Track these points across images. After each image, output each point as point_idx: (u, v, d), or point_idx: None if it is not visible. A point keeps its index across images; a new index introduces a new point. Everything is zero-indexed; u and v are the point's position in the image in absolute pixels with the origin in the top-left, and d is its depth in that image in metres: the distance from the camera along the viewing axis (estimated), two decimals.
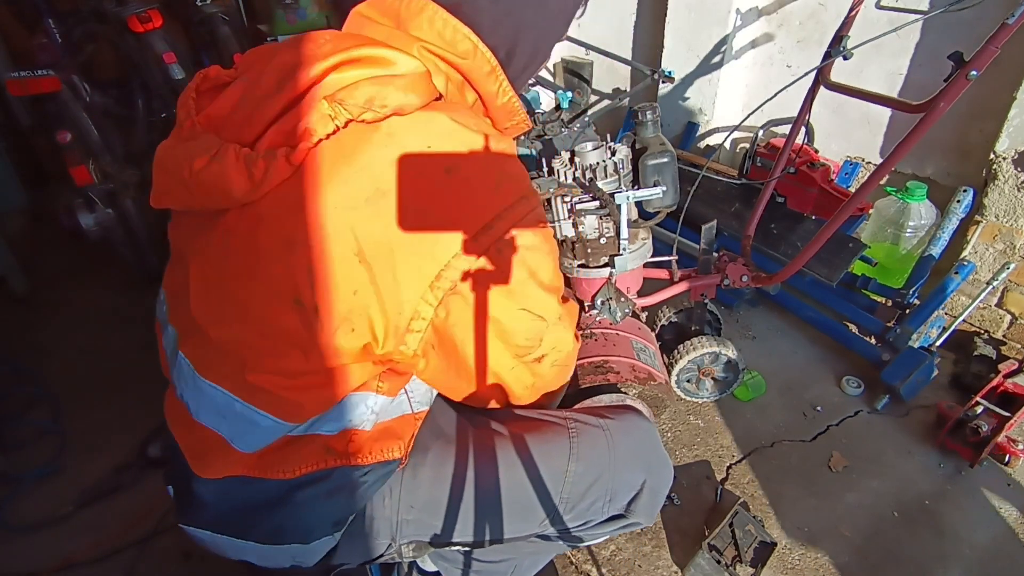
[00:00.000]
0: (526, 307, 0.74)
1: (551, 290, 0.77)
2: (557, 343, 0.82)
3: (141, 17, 2.29)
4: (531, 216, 0.72)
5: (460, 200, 0.68)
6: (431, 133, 0.69)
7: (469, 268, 0.68)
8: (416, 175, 0.66)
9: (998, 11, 1.03)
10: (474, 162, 0.70)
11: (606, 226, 1.22)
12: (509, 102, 0.79)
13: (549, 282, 0.76)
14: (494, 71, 0.75)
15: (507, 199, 0.70)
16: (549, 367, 0.84)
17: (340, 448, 0.76)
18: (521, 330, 0.76)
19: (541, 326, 0.78)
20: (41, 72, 2.06)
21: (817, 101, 1.46)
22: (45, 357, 2.01)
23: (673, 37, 2.61)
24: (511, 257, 0.71)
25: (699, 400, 1.71)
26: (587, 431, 0.90)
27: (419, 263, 0.67)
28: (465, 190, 0.68)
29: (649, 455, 0.93)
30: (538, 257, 0.73)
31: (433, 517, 0.83)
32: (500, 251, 0.69)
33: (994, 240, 1.82)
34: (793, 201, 2.16)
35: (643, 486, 0.91)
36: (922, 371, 1.63)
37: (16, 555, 1.39)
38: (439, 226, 0.67)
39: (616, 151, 1.25)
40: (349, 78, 0.68)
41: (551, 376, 0.86)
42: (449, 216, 0.67)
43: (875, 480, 1.50)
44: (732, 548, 1.28)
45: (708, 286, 1.58)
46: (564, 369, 0.89)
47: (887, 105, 1.31)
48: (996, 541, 1.36)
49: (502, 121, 0.82)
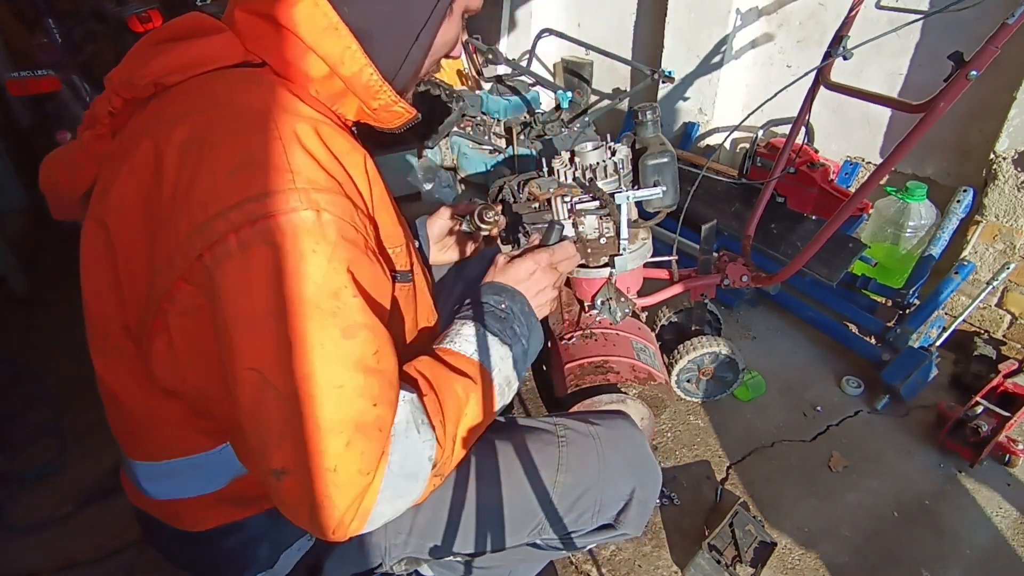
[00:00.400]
0: (255, 367, 0.54)
1: (293, 359, 0.54)
2: (302, 460, 0.54)
3: (141, 17, 2.30)
4: (269, 225, 0.53)
5: (181, 186, 0.56)
6: (188, 102, 0.60)
7: (174, 286, 0.55)
8: (155, 154, 0.57)
9: (998, 11, 1.03)
10: (211, 138, 0.56)
11: (606, 226, 1.22)
12: (361, 73, 0.65)
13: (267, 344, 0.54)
14: (334, 29, 0.63)
15: (237, 193, 0.54)
16: (289, 488, 0.56)
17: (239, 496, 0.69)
18: (247, 408, 0.55)
19: (278, 409, 0.54)
20: (41, 72, 2.06)
21: (817, 101, 1.46)
22: (45, 357, 2.01)
23: (673, 37, 2.61)
24: (234, 277, 0.54)
25: (699, 400, 1.71)
26: (576, 440, 0.86)
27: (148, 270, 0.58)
28: (186, 174, 0.56)
29: (638, 465, 0.90)
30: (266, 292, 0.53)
31: (425, 538, 0.79)
32: (210, 271, 0.54)
33: (994, 240, 1.82)
34: (793, 201, 2.16)
35: (632, 496, 0.88)
36: (922, 371, 1.62)
37: (16, 555, 1.39)
38: (162, 222, 0.56)
39: (616, 151, 1.24)
40: (148, 55, 0.64)
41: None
42: (173, 209, 0.55)
43: (875, 480, 1.50)
44: (732, 548, 1.28)
45: (708, 286, 1.58)
46: (315, 505, 0.56)
47: (887, 105, 1.31)
48: (996, 541, 1.36)
49: (368, 101, 0.69)
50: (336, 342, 0.55)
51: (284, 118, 0.59)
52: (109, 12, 2.40)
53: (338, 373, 0.55)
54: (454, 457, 0.67)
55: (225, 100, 0.60)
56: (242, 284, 0.54)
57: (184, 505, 0.71)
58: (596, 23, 3.15)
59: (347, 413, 0.55)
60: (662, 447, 1.60)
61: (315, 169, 0.57)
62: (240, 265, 0.53)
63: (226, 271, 0.53)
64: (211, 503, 0.71)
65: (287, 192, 0.54)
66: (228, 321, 0.54)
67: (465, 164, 3.01)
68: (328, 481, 0.54)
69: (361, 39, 0.64)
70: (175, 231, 0.55)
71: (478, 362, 0.71)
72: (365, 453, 0.56)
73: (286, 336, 0.54)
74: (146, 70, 0.62)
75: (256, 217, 0.53)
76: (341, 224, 0.57)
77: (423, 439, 0.62)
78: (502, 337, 0.75)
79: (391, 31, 0.66)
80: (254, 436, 0.56)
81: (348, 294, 0.57)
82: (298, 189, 0.55)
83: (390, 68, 0.68)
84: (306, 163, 0.57)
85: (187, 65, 0.63)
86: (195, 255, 0.54)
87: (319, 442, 0.54)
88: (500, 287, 0.81)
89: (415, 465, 0.61)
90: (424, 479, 0.63)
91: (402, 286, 0.72)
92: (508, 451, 0.83)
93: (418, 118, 0.76)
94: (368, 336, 0.57)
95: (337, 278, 0.56)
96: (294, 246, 0.54)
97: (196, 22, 0.67)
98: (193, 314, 0.56)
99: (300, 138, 0.58)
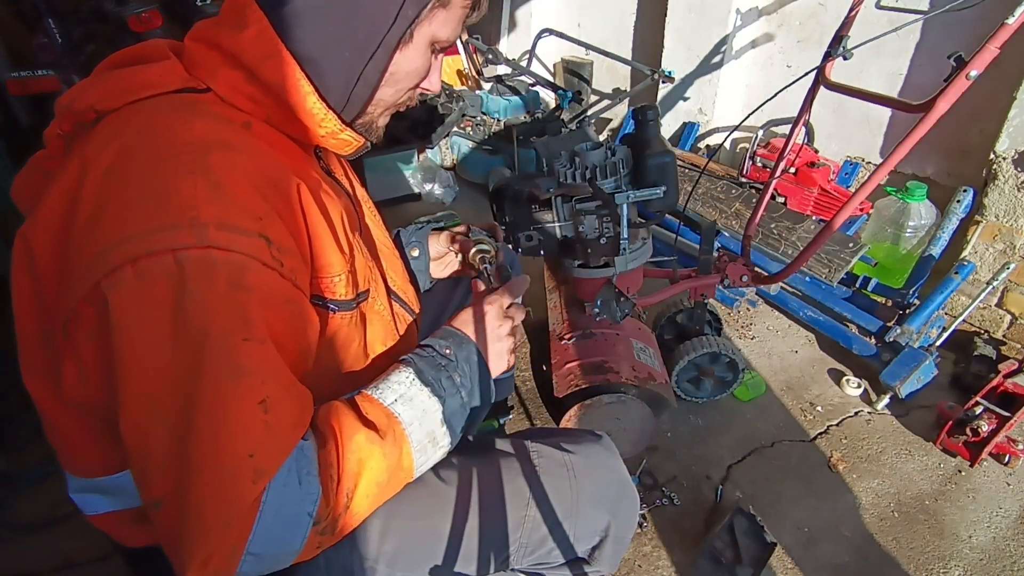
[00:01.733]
0: (140, 395, 0.54)
1: (177, 397, 0.54)
2: (177, 496, 0.54)
3: (141, 17, 2.29)
4: (166, 259, 0.53)
5: (94, 210, 0.56)
6: (116, 128, 0.61)
7: (78, 308, 0.55)
8: (78, 177, 0.58)
9: (998, 11, 1.03)
10: (128, 165, 0.57)
11: (606, 226, 1.22)
12: (304, 100, 0.64)
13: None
14: (277, 55, 0.62)
15: (140, 224, 0.54)
16: (162, 521, 0.56)
17: None
18: (130, 435, 0.55)
19: (162, 439, 0.54)
20: (41, 72, 2.06)
21: (817, 101, 1.46)
22: None
23: (673, 37, 2.61)
24: (126, 306, 0.53)
25: (699, 400, 1.71)
26: (550, 469, 0.82)
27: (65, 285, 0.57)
28: (102, 199, 0.56)
29: (614, 497, 0.86)
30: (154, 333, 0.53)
31: (393, 567, 0.75)
32: (106, 298, 0.53)
33: (994, 240, 1.82)
34: (793, 201, 2.17)
35: (607, 531, 0.84)
36: (922, 371, 1.63)
37: (16, 555, 1.38)
38: (74, 244, 0.56)
39: (616, 151, 1.25)
40: (89, 82, 0.65)
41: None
42: (84, 233, 0.56)
43: (875, 480, 1.50)
44: (732, 548, 1.28)
45: (708, 286, 1.58)
46: (184, 545, 0.55)
47: (887, 105, 1.31)
48: (996, 541, 1.36)
49: (314, 128, 0.68)
50: (218, 386, 0.54)
51: (208, 149, 0.58)
52: (109, 12, 2.39)
53: (214, 417, 0.54)
54: (349, 513, 0.64)
55: (150, 128, 0.60)
56: (133, 314, 0.53)
57: (112, 519, 0.72)
58: (596, 23, 3.15)
59: (222, 459, 0.54)
60: (662, 447, 1.60)
61: (225, 205, 0.56)
62: (133, 295, 0.53)
63: (118, 299, 0.53)
64: (136, 519, 0.71)
65: (188, 228, 0.54)
66: (116, 349, 0.53)
67: (465, 164, 3.01)
68: (198, 519, 0.54)
69: (305, 66, 0.64)
70: (82, 254, 0.55)
71: (394, 415, 0.67)
72: (235, 500, 0.55)
73: (169, 372, 0.53)
74: (85, 96, 0.63)
75: (154, 251, 0.53)
76: (244, 263, 0.56)
77: (304, 492, 0.59)
78: (434, 387, 0.71)
79: (337, 57, 0.64)
80: (137, 465, 0.56)
81: (237, 338, 0.55)
82: (200, 225, 0.54)
83: (338, 96, 0.67)
84: (216, 198, 0.56)
85: (125, 91, 0.63)
86: (94, 281, 0.54)
87: (192, 482, 0.54)
88: (450, 331, 0.78)
89: (291, 518, 0.58)
90: (303, 535, 0.60)
91: (343, 315, 0.70)
92: (479, 479, 0.80)
93: (367, 147, 0.74)
94: (252, 384, 0.56)
95: (226, 320, 0.55)
96: (186, 283, 0.53)
97: (148, 49, 0.68)
98: (92, 338, 0.56)
99: (215, 172, 0.57)
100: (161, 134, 0.59)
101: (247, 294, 0.56)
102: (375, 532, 0.73)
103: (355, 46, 0.64)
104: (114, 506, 0.70)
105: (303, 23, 0.62)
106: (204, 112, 0.62)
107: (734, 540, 1.29)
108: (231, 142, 0.61)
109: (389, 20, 0.64)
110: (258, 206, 0.59)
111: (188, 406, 0.53)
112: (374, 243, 0.87)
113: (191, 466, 0.53)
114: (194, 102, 0.63)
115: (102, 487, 0.69)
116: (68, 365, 0.58)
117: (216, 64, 0.64)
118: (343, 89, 0.66)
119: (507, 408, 1.58)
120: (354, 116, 0.70)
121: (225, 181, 0.57)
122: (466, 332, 0.78)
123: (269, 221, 0.59)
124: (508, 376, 1.38)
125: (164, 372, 0.54)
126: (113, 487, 0.69)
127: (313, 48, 0.63)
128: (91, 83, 0.65)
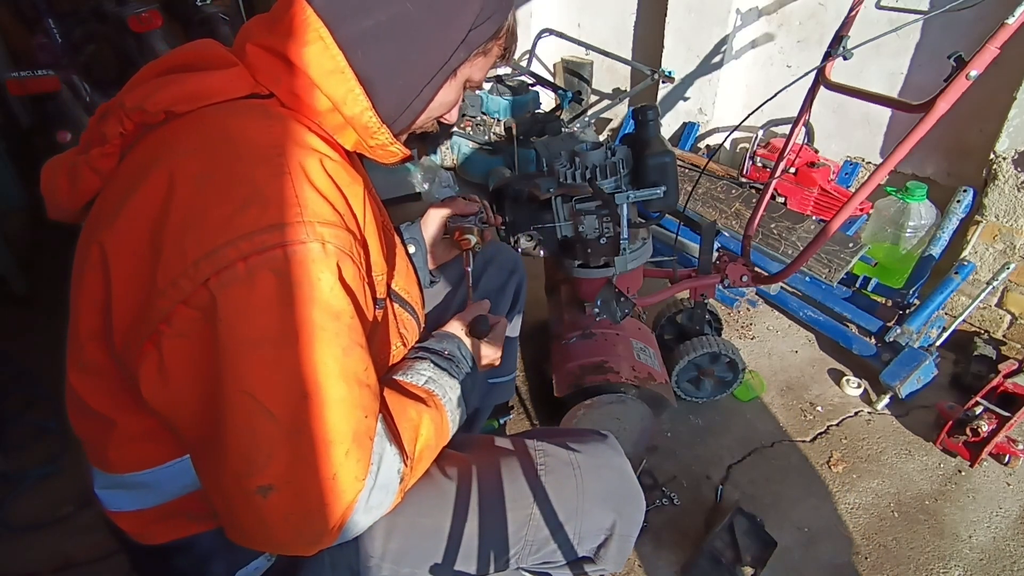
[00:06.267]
0: (248, 390, 0.57)
1: (295, 378, 0.58)
2: (294, 474, 0.58)
3: (141, 17, 2.30)
4: (278, 254, 0.57)
5: (192, 215, 0.59)
6: (201, 135, 0.63)
7: (174, 310, 0.57)
8: (167, 184, 0.60)
9: (998, 11, 1.03)
10: (223, 171, 0.60)
11: (606, 226, 1.22)
12: (362, 115, 0.70)
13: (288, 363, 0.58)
14: (340, 72, 0.67)
15: (248, 225, 0.57)
16: (275, 503, 0.58)
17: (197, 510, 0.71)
18: (235, 429, 0.57)
19: (269, 429, 0.57)
20: (41, 72, 2.06)
21: (817, 101, 1.46)
22: (45, 357, 2.01)
23: (673, 37, 2.61)
24: (238, 302, 0.57)
25: (699, 400, 1.71)
26: (556, 468, 0.84)
27: (144, 288, 0.59)
28: (198, 204, 0.59)
29: (620, 497, 0.87)
30: (271, 317, 0.57)
31: (399, 564, 0.77)
32: (214, 296, 0.56)
33: (994, 240, 1.82)
34: (793, 201, 2.17)
35: (613, 530, 0.86)
36: (922, 371, 1.63)
37: (16, 555, 1.38)
38: (168, 248, 0.58)
39: (616, 151, 1.25)
40: (160, 84, 0.67)
41: (272, 517, 0.59)
42: (183, 236, 0.58)
43: (875, 480, 1.50)
44: (732, 548, 1.28)
45: (708, 286, 1.58)
46: (303, 516, 0.60)
47: (887, 105, 1.31)
48: (996, 541, 1.36)
49: (366, 139, 0.73)
50: (338, 360, 0.60)
51: (293, 152, 0.63)
52: (109, 12, 2.40)
53: (340, 387, 0.60)
54: (413, 474, 0.72)
55: (237, 135, 0.63)
56: (245, 309, 0.57)
57: (133, 517, 0.74)
58: (596, 23, 3.15)
59: (347, 424, 0.60)
60: (662, 447, 1.60)
61: (321, 203, 0.62)
62: (245, 291, 0.57)
63: (230, 296, 0.56)
64: (160, 516, 0.73)
65: (295, 225, 0.59)
66: (227, 344, 0.57)
67: (465, 164, 3.01)
68: (326, 489, 0.59)
69: (365, 85, 0.68)
70: (182, 257, 0.57)
71: (431, 390, 0.78)
72: (360, 460, 0.62)
73: (287, 358, 0.58)
74: (158, 97, 0.65)
75: (266, 247, 0.57)
76: (342, 255, 0.62)
77: (394, 452, 0.67)
78: (451, 371, 0.82)
79: (394, 82, 0.70)
80: (237, 455, 0.58)
81: (347, 316, 0.62)
82: (305, 223, 0.59)
83: (390, 114, 0.72)
84: (313, 198, 0.61)
85: (199, 95, 0.66)
86: (202, 279, 0.56)
87: (321, 453, 0.59)
88: (445, 335, 0.88)
89: (388, 477, 0.66)
90: (394, 492, 0.68)
91: (378, 311, 0.77)
92: (483, 478, 0.82)
93: (412, 157, 0.82)
94: (362, 354, 0.63)
95: (339, 302, 0.61)
96: (302, 273, 0.58)
97: (208, 52, 0.71)
98: (188, 337, 0.58)
99: (307, 173, 0.62)
100: (251, 141, 0.63)
101: (349, 280, 0.62)
102: (381, 530, 0.75)
103: (410, 76, 0.71)
104: (138, 504, 0.73)
105: (368, 47, 0.67)
106: (279, 117, 0.67)
107: (734, 540, 1.29)
108: (309, 145, 0.66)
109: (443, 60, 0.71)
110: (342, 205, 0.65)
111: (312, 385, 0.58)
112: (395, 245, 0.91)
113: (320, 439, 0.58)
114: (266, 107, 0.68)
115: (131, 483, 0.72)
116: (147, 367, 0.60)
117: (280, 72, 0.68)
118: (395, 109, 0.72)
119: (507, 408, 1.58)
120: (396, 132, 0.76)
121: (317, 183, 0.62)
122: (450, 331, 0.90)
123: (349, 220, 0.65)
124: (509, 379, 1.39)
125: (278, 360, 0.58)
126: (143, 483, 0.71)
127: (372, 69, 0.68)
128: (159, 85, 0.67)
